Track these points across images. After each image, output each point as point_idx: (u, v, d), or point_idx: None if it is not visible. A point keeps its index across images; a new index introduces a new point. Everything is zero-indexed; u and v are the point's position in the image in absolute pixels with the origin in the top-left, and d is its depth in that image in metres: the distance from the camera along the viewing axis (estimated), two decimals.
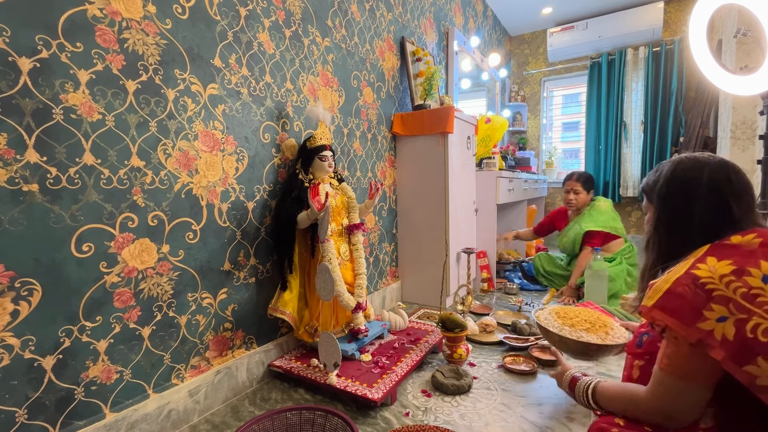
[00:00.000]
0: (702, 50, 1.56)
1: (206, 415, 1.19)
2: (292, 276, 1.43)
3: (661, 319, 0.67)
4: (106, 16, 0.96)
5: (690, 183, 0.76)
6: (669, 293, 0.68)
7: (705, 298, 0.63)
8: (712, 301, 0.63)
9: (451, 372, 1.35)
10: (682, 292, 0.66)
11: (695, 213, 0.75)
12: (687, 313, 0.64)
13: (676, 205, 0.78)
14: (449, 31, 2.86)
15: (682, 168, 0.79)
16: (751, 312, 0.60)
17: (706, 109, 3.29)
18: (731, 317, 0.61)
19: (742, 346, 0.60)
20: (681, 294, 0.66)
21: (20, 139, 0.82)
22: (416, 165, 2.20)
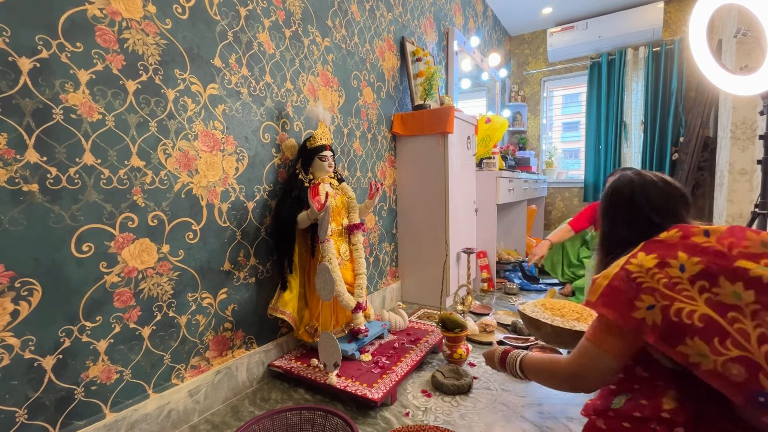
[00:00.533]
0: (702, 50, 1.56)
1: (206, 415, 1.19)
2: (292, 276, 1.43)
3: (605, 314, 0.75)
4: (106, 16, 0.96)
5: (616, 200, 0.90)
6: (608, 287, 0.76)
7: (636, 290, 0.71)
8: (641, 292, 0.71)
9: (451, 372, 1.35)
10: (617, 285, 0.74)
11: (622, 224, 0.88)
12: (623, 306, 0.72)
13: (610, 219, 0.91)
14: (449, 31, 2.86)
15: (613, 187, 0.92)
16: (672, 299, 0.68)
17: (706, 109, 3.29)
18: (657, 305, 0.68)
19: (670, 329, 0.67)
20: (617, 287, 0.74)
21: (20, 139, 0.82)
22: (416, 165, 2.20)
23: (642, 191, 0.86)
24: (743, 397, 0.61)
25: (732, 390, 0.62)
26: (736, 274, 0.66)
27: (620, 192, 0.89)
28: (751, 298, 0.64)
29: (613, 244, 0.89)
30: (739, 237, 0.71)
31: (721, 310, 0.65)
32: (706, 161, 3.30)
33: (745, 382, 0.61)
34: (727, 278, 0.67)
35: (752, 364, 0.61)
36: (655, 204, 0.84)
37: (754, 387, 0.60)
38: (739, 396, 0.62)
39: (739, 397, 0.62)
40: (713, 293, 0.67)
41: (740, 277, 0.66)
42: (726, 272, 0.67)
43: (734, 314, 0.64)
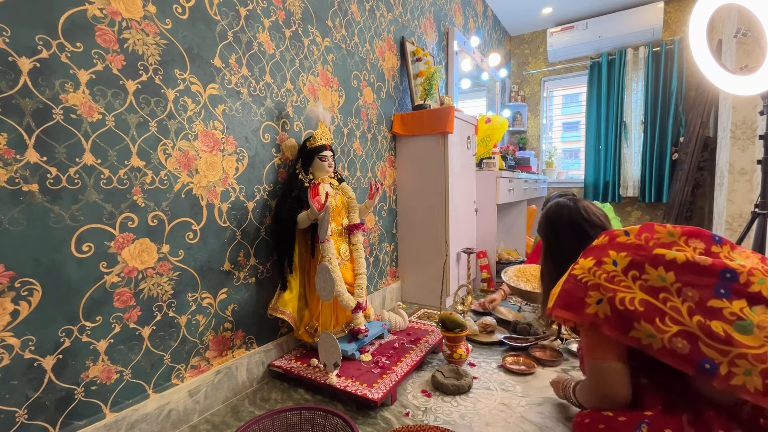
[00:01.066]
0: (702, 50, 1.56)
1: (206, 415, 1.19)
2: (292, 276, 1.43)
3: (562, 316, 0.83)
4: (106, 16, 0.96)
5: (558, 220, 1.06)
6: (561, 292, 0.86)
7: (583, 289, 0.82)
8: (588, 289, 0.81)
9: (451, 372, 1.35)
10: (567, 288, 0.85)
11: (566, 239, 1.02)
12: (576, 305, 0.82)
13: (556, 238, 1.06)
14: (449, 31, 2.86)
15: (551, 213, 1.08)
16: (614, 290, 0.78)
17: (706, 109, 3.29)
18: (604, 298, 0.78)
19: (619, 318, 0.76)
20: (567, 290, 0.85)
21: (20, 139, 0.82)
22: (416, 165, 2.20)
23: (577, 210, 1.04)
24: (692, 367, 0.69)
25: (682, 363, 0.70)
26: (656, 260, 0.78)
27: (560, 215, 1.06)
28: (673, 278, 0.76)
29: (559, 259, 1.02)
30: (650, 231, 0.86)
31: (653, 293, 0.76)
32: (706, 161, 3.30)
33: (690, 352, 0.69)
34: (651, 265, 0.78)
35: (690, 335, 0.70)
36: (587, 219, 1.02)
37: (697, 356, 0.69)
38: (688, 367, 0.69)
39: (689, 367, 0.69)
40: (643, 279, 0.78)
41: (660, 262, 0.78)
42: (648, 260, 0.79)
43: (664, 294, 0.75)
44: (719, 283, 0.73)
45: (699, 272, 0.75)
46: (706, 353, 0.68)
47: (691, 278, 0.75)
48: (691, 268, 0.75)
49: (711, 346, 0.68)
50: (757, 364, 0.65)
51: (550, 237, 1.08)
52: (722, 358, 0.67)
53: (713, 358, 0.68)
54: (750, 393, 0.65)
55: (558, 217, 1.06)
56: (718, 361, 0.67)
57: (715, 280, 0.74)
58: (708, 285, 0.74)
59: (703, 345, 0.69)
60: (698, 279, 0.74)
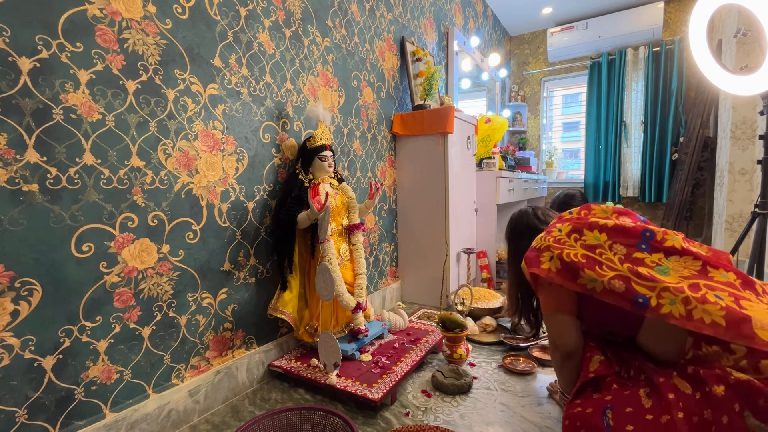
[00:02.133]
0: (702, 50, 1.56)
1: (206, 415, 1.19)
2: (292, 276, 1.43)
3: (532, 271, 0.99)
4: (106, 16, 0.96)
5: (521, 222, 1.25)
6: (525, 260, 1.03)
7: (538, 252, 1.00)
8: (542, 252, 0.98)
9: (451, 372, 1.35)
10: (528, 255, 1.03)
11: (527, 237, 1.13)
12: (535, 263, 0.99)
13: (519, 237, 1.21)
14: (449, 31, 2.86)
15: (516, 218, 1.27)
16: (561, 248, 0.95)
17: (706, 109, 3.29)
18: (554, 255, 0.95)
19: (567, 269, 0.91)
20: (528, 256, 1.02)
21: (20, 139, 0.82)
22: (416, 165, 2.20)
23: (534, 215, 1.23)
24: (629, 302, 0.82)
25: (620, 299, 0.84)
26: (591, 225, 0.96)
27: (520, 219, 1.25)
28: (605, 237, 0.94)
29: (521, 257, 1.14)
30: (588, 209, 1.05)
31: (590, 249, 0.93)
32: (706, 161, 3.30)
33: (626, 290, 0.83)
34: (587, 229, 0.96)
35: (624, 277, 0.85)
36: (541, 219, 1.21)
37: (632, 293, 0.82)
38: (626, 302, 0.83)
39: (626, 303, 0.83)
40: (583, 240, 0.95)
41: (594, 227, 0.96)
42: (586, 226, 0.97)
43: (600, 250, 0.92)
44: (640, 240, 0.91)
45: (625, 233, 0.93)
46: (638, 290, 0.82)
47: (619, 238, 0.92)
48: (618, 230, 0.94)
49: (640, 284, 0.83)
50: (678, 294, 0.78)
51: (513, 240, 1.25)
52: (651, 293, 0.81)
53: (644, 293, 0.82)
54: (676, 318, 0.77)
55: (519, 221, 1.25)
56: (648, 296, 0.81)
57: (637, 239, 0.91)
58: (632, 243, 0.91)
59: (634, 284, 0.83)
60: (624, 239, 0.92)
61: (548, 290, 1.01)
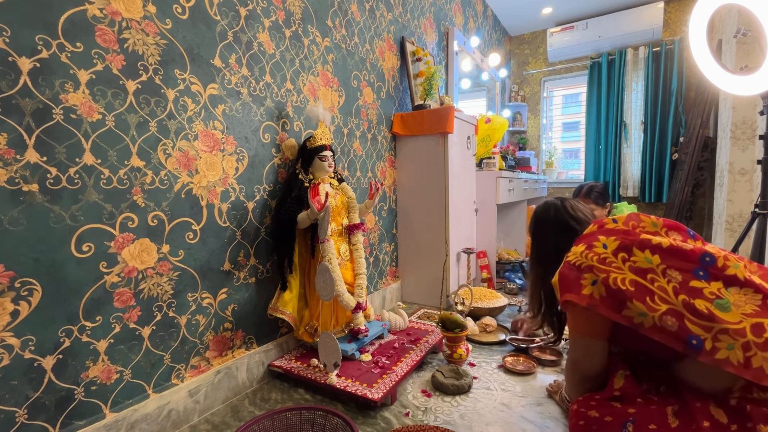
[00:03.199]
0: (702, 50, 1.56)
1: (206, 415, 1.19)
2: (292, 276, 1.43)
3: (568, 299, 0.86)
4: (106, 16, 0.96)
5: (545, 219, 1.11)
6: (560, 279, 0.90)
7: (577, 272, 0.86)
8: (583, 272, 0.85)
9: (451, 372, 1.35)
10: (565, 273, 0.89)
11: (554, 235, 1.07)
12: (574, 287, 0.85)
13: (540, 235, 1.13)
14: (449, 31, 2.86)
15: (540, 212, 1.14)
16: (607, 271, 0.82)
17: (706, 109, 3.29)
18: (598, 279, 0.82)
19: (613, 297, 0.79)
20: (565, 275, 0.88)
21: (20, 139, 0.82)
22: (416, 165, 2.20)
23: (564, 208, 1.09)
24: (681, 343, 0.73)
25: (672, 339, 0.74)
26: (643, 244, 0.83)
27: (547, 213, 1.11)
28: (658, 260, 0.81)
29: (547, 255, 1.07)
30: (636, 220, 0.92)
31: (641, 273, 0.80)
32: (706, 161, 3.30)
33: (678, 329, 0.73)
34: (638, 248, 0.83)
35: (677, 313, 0.74)
36: (573, 217, 1.07)
37: (685, 332, 0.73)
38: (677, 343, 0.73)
39: (678, 344, 0.73)
40: (632, 261, 0.82)
41: (646, 246, 0.83)
42: (635, 243, 0.83)
43: (651, 275, 0.80)
44: (698, 266, 0.79)
45: (681, 256, 0.81)
46: (692, 330, 0.72)
47: (674, 261, 0.80)
48: (674, 252, 0.81)
49: (695, 323, 0.73)
50: (738, 338, 0.70)
51: (538, 236, 1.14)
52: (706, 333, 0.72)
53: (699, 334, 0.72)
54: (734, 366, 0.69)
55: (545, 215, 1.12)
56: (703, 337, 0.71)
57: (695, 265, 0.80)
58: (689, 269, 0.79)
59: (688, 322, 0.73)
60: (680, 263, 0.80)
61: (582, 314, 0.87)
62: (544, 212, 1.12)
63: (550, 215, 1.10)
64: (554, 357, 1.49)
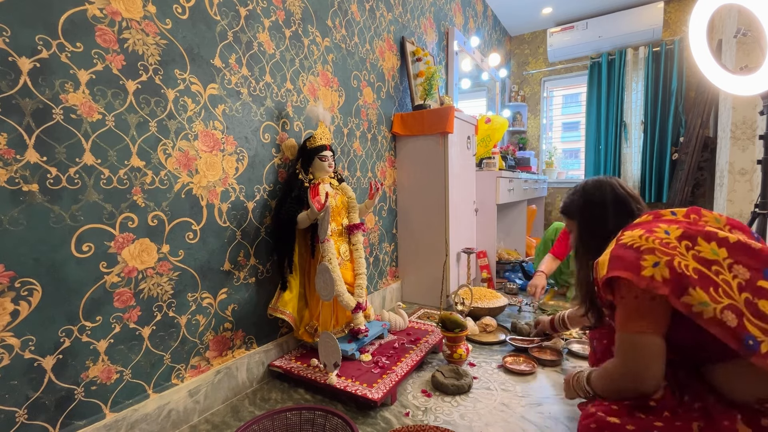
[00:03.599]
0: (702, 50, 1.56)
1: (206, 415, 1.19)
2: (292, 276, 1.43)
3: (618, 275, 0.80)
4: (106, 16, 0.96)
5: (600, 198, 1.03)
6: (612, 260, 0.83)
7: (636, 253, 0.79)
8: (643, 253, 0.79)
9: (451, 372, 1.35)
10: (620, 254, 0.82)
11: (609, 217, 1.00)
12: (632, 266, 0.78)
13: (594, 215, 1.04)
14: (449, 31, 2.86)
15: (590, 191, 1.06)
16: (671, 254, 0.77)
17: (706, 109, 3.29)
18: (661, 261, 0.76)
19: (677, 281, 0.74)
20: (620, 255, 0.82)
21: (20, 139, 0.82)
22: (416, 165, 2.20)
23: (619, 185, 1.03)
24: (737, 341, 0.69)
25: (728, 336, 0.69)
26: (709, 235, 0.78)
27: (603, 191, 1.03)
28: (725, 254, 0.76)
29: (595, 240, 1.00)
30: (698, 214, 0.87)
31: (705, 264, 0.76)
32: (706, 161, 3.30)
33: (737, 327, 0.69)
34: (704, 238, 0.78)
35: (738, 310, 0.70)
36: (631, 195, 1.02)
37: (743, 331, 0.69)
38: (733, 341, 0.69)
39: (734, 341, 0.69)
40: (696, 251, 0.77)
41: (713, 238, 0.78)
42: (701, 234, 0.79)
43: (716, 267, 0.75)
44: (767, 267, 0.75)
45: (750, 254, 0.76)
46: (750, 330, 0.69)
47: (742, 258, 0.76)
48: (743, 248, 0.76)
49: (754, 323, 0.69)
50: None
51: (592, 215, 1.04)
52: (764, 336, 0.68)
53: (756, 335, 0.68)
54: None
55: (601, 194, 1.03)
56: (760, 339, 0.68)
57: (764, 264, 0.75)
58: (758, 267, 0.75)
59: (747, 321, 0.69)
60: (749, 260, 0.75)
61: (635, 304, 0.79)
62: (598, 190, 1.03)
63: (606, 193, 1.01)
64: (554, 357, 1.49)
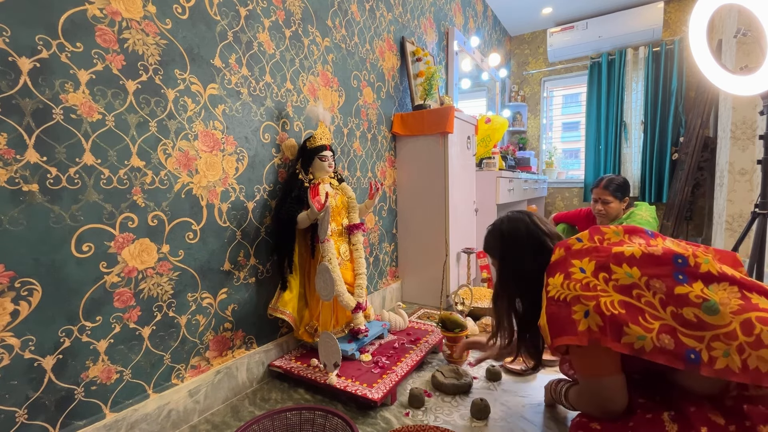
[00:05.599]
0: (702, 50, 1.56)
1: (206, 415, 1.19)
2: (292, 276, 1.43)
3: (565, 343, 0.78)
4: (106, 16, 0.96)
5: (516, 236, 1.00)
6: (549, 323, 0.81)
7: (566, 308, 0.77)
8: (570, 305, 0.77)
9: (451, 372, 1.35)
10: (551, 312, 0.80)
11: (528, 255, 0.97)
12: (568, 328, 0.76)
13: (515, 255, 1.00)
14: (449, 31, 2.86)
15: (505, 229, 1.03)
16: (595, 297, 0.75)
17: (706, 109, 3.29)
18: (589, 307, 0.74)
19: (611, 324, 0.72)
20: (552, 314, 0.80)
21: (20, 139, 0.82)
22: (416, 165, 2.20)
23: (533, 223, 1.01)
24: (681, 361, 0.68)
25: (672, 359, 0.68)
26: (617, 258, 0.78)
27: (518, 229, 1.01)
28: (638, 273, 0.75)
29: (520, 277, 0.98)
30: (599, 233, 0.87)
31: (626, 291, 0.75)
32: (706, 161, 3.30)
33: (676, 346, 0.68)
34: (615, 264, 0.77)
35: (669, 328, 0.70)
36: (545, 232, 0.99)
37: (682, 348, 0.68)
38: (678, 362, 0.68)
39: (679, 362, 0.68)
40: (614, 280, 0.76)
41: (622, 260, 0.77)
42: (610, 259, 0.78)
43: (637, 291, 0.74)
44: (675, 269, 0.75)
45: (657, 262, 0.76)
46: (687, 343, 0.68)
47: (652, 269, 0.75)
48: (649, 259, 0.77)
49: (687, 334, 0.69)
50: (731, 342, 0.66)
51: (508, 254, 1.02)
52: (700, 344, 0.68)
53: (693, 346, 0.68)
54: (735, 373, 0.65)
55: (516, 231, 1.01)
56: (698, 349, 0.68)
57: (671, 268, 0.75)
58: (668, 273, 0.74)
59: (681, 335, 0.69)
60: (658, 269, 0.75)
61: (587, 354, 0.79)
62: (513, 228, 1.02)
63: (520, 231, 1.00)
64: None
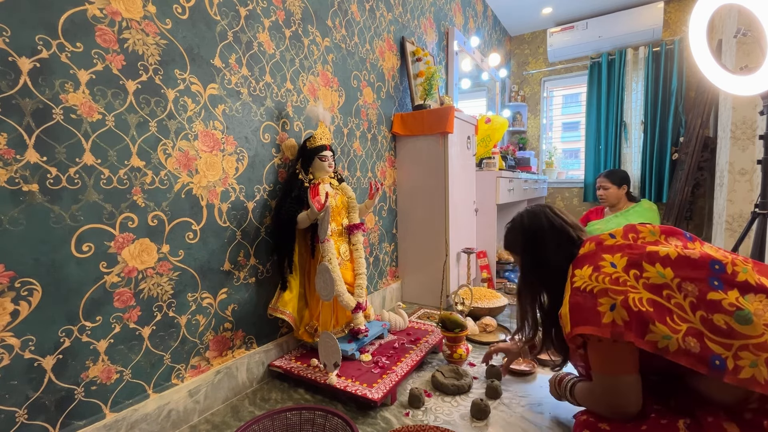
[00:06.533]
0: (702, 50, 1.56)
1: (206, 415, 1.19)
2: (292, 276, 1.43)
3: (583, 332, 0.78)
4: (106, 16, 0.96)
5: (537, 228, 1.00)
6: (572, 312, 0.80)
7: (592, 299, 0.77)
8: (597, 297, 0.77)
9: (451, 372, 1.35)
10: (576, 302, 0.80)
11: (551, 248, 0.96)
12: (591, 318, 0.76)
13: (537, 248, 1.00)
14: (449, 31, 2.86)
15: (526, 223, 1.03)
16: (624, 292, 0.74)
17: (706, 109, 3.29)
18: (616, 301, 0.74)
19: (637, 320, 0.72)
20: (577, 303, 0.80)
21: (20, 139, 0.82)
22: (416, 165, 2.20)
23: (553, 214, 1.00)
24: (705, 366, 0.67)
25: (696, 362, 0.68)
26: (651, 257, 0.77)
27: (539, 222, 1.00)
28: (671, 273, 0.75)
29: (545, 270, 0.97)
30: (635, 231, 0.86)
31: (656, 290, 0.74)
32: (706, 161, 3.30)
33: (701, 350, 0.68)
34: (648, 262, 0.77)
35: (697, 332, 0.69)
36: (568, 222, 0.98)
37: (708, 353, 0.67)
38: (702, 366, 0.67)
39: (703, 366, 0.67)
40: (645, 278, 0.76)
41: (656, 259, 0.76)
42: (643, 257, 0.77)
43: (667, 291, 0.73)
44: (711, 275, 0.74)
45: (692, 266, 0.75)
46: (713, 349, 0.67)
47: (687, 272, 0.74)
48: (684, 262, 0.76)
49: (715, 341, 0.68)
50: (761, 353, 0.64)
51: (531, 247, 1.01)
52: (727, 352, 0.67)
53: (719, 353, 0.67)
54: (760, 384, 0.63)
55: (538, 224, 1.00)
56: (724, 356, 0.66)
57: (707, 272, 0.74)
58: (702, 278, 0.74)
59: (708, 341, 0.68)
60: (693, 272, 0.74)
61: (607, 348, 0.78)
62: (534, 221, 1.01)
63: (542, 223, 0.99)
64: (554, 357, 1.49)
